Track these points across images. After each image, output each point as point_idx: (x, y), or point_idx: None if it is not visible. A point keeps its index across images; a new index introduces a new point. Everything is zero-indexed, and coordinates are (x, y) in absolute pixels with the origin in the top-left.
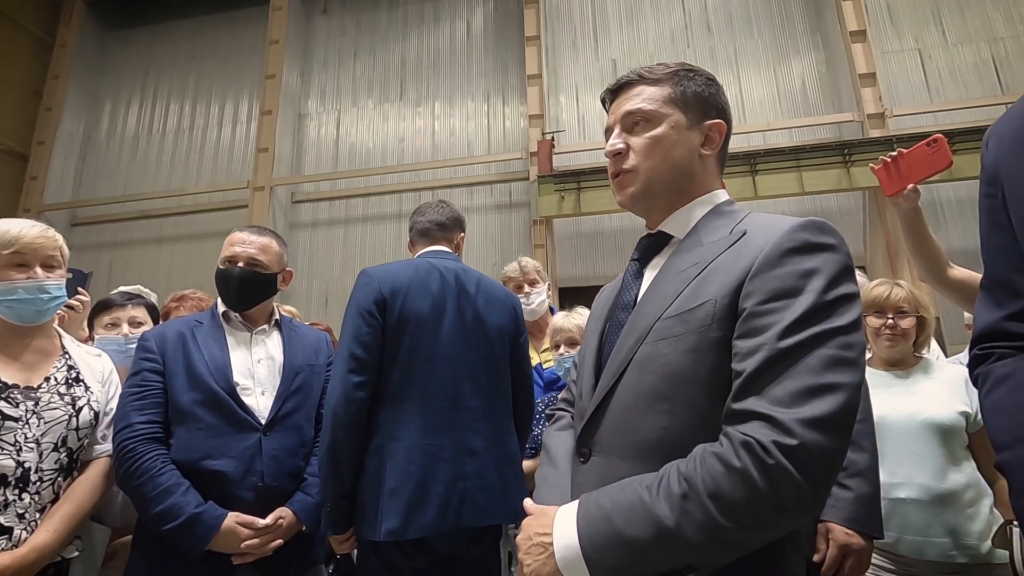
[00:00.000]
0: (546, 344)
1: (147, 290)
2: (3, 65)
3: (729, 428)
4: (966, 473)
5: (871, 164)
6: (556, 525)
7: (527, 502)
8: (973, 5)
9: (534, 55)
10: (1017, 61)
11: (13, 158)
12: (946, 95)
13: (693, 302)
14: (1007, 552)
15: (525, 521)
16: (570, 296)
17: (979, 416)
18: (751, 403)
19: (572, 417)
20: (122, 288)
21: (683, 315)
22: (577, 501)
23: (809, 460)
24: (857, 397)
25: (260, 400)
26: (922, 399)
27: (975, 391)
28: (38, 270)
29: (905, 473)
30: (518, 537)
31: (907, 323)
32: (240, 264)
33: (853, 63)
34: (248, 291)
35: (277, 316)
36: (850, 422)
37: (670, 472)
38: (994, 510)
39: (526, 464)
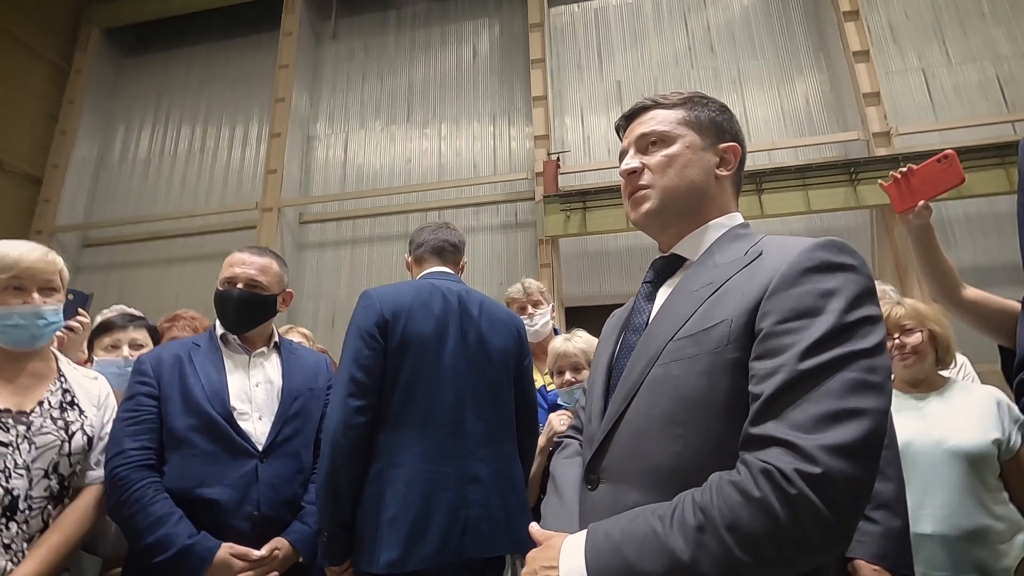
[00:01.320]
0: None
1: (138, 312)
2: (20, 91)
3: (747, 455)
4: (999, 505)
5: (880, 181)
6: (563, 557)
7: (533, 527)
8: (975, 24)
9: (539, 77)
10: (1022, 79)
11: (28, 181)
12: (951, 113)
13: (707, 322)
14: None
15: (530, 553)
16: (576, 316)
17: (1013, 443)
18: (770, 428)
19: (580, 444)
20: (115, 307)
21: (697, 335)
22: (585, 531)
23: (834, 490)
24: (884, 423)
25: (257, 425)
26: (949, 424)
27: (1008, 414)
28: (35, 295)
29: (932, 505)
30: (523, 571)
31: (915, 339)
32: (239, 285)
33: (857, 82)
34: (248, 313)
35: (276, 338)
36: (877, 450)
37: (684, 502)
38: None
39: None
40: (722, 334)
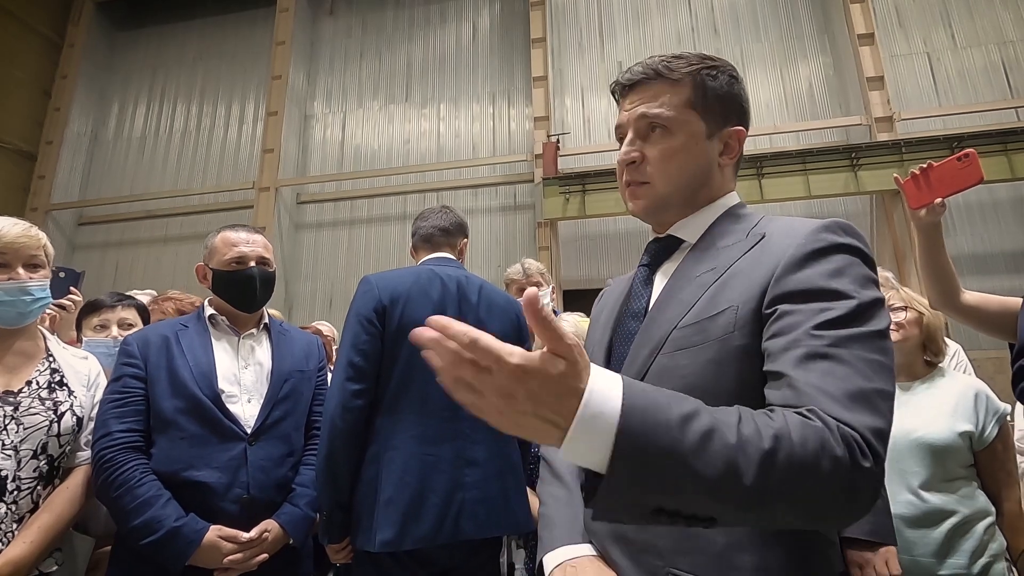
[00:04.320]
0: None
1: (155, 293)
2: (12, 65)
3: (815, 408)
4: (960, 492)
5: (895, 175)
6: (595, 378)
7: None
8: (982, 8)
9: (540, 57)
10: None
11: (21, 157)
12: (955, 99)
13: (713, 309)
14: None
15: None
16: (574, 299)
17: (987, 434)
18: (810, 399)
19: None
20: (134, 291)
21: (702, 323)
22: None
23: (882, 473)
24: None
25: (246, 408)
26: (920, 416)
27: (986, 406)
28: (20, 271)
29: (891, 491)
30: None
31: (900, 315)
32: (252, 264)
33: (861, 66)
34: (265, 290)
35: (266, 319)
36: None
37: (756, 419)
38: (995, 530)
39: None
40: (728, 321)
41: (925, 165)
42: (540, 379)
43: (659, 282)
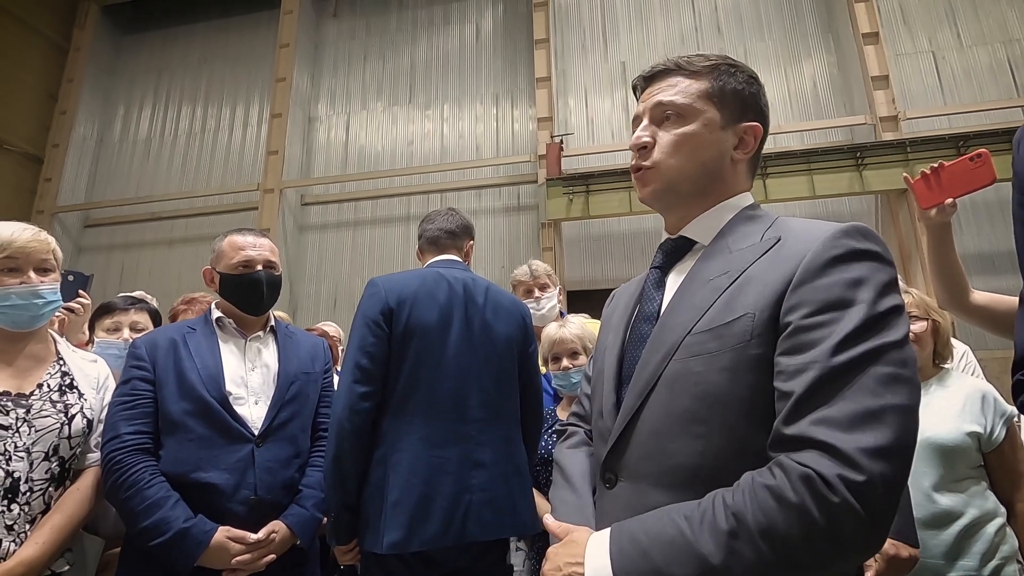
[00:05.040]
0: None
1: (149, 296)
2: (19, 69)
3: (783, 457)
4: (969, 493)
5: (904, 175)
6: (588, 558)
7: (549, 521)
8: (988, 6)
9: (543, 58)
10: None
11: (28, 160)
12: (960, 97)
13: (728, 315)
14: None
15: (552, 550)
16: (578, 300)
17: (996, 436)
18: (805, 428)
19: (585, 433)
20: (123, 294)
21: (717, 329)
22: (608, 531)
23: (875, 495)
24: (917, 418)
25: (253, 410)
26: (929, 416)
27: (993, 408)
28: (31, 274)
29: None
30: (544, 567)
31: (918, 327)
32: (259, 267)
33: (865, 65)
34: (272, 294)
35: (272, 322)
36: (913, 447)
37: (715, 504)
38: (1005, 531)
39: None
40: (745, 328)
41: (936, 165)
42: None
43: (671, 284)
